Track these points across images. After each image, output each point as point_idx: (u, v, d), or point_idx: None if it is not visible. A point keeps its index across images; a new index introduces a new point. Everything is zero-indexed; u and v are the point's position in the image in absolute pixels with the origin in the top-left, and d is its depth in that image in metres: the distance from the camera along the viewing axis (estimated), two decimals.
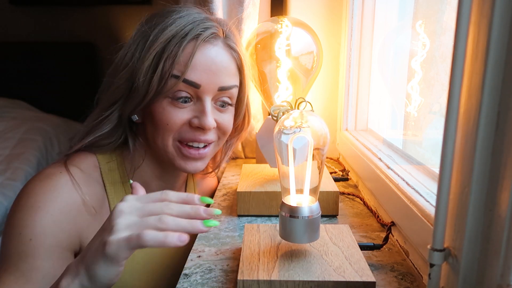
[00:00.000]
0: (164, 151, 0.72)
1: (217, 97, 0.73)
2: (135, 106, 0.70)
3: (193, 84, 0.69)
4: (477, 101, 0.35)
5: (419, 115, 0.87)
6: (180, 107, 0.70)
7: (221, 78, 0.71)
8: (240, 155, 1.18)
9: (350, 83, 1.07)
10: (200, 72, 0.69)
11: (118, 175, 0.74)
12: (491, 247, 0.35)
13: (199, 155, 0.72)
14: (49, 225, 0.63)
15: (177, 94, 0.69)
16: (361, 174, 0.90)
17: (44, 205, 0.64)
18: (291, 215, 0.54)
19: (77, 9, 2.51)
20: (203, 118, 0.70)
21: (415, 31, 0.84)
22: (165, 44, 0.68)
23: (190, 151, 0.72)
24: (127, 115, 0.72)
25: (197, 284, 0.56)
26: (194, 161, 0.73)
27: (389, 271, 0.59)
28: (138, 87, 0.68)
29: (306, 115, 0.58)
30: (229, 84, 0.73)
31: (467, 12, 0.35)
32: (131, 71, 0.69)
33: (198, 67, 0.69)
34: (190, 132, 0.71)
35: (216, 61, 0.71)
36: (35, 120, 2.17)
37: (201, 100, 0.71)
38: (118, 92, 0.71)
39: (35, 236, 0.62)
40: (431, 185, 0.63)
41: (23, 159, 1.82)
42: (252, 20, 1.00)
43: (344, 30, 1.09)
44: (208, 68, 0.70)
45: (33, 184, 0.67)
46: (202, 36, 0.69)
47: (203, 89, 0.70)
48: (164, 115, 0.69)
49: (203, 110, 0.70)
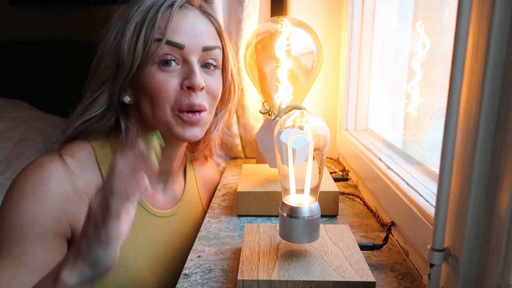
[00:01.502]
0: (162, 120, 0.72)
1: (203, 58, 0.74)
2: (124, 80, 0.71)
3: (177, 45, 0.70)
4: (477, 101, 0.35)
5: (419, 115, 0.87)
6: (168, 71, 0.71)
7: (203, 39, 0.73)
8: (240, 155, 1.18)
9: (350, 83, 1.07)
10: (182, 33, 0.71)
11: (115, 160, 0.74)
12: (491, 247, 0.35)
13: (196, 120, 0.73)
14: (37, 213, 0.64)
15: (163, 58, 0.70)
16: (361, 174, 0.89)
17: (33, 193, 0.65)
18: (291, 215, 0.54)
19: (77, 9, 2.51)
20: (192, 78, 0.71)
21: (415, 31, 0.84)
22: (144, 13, 0.71)
23: (188, 115, 0.72)
24: (117, 95, 0.73)
25: (197, 284, 0.56)
26: (192, 127, 0.73)
27: (389, 271, 0.59)
28: (124, 59, 0.70)
29: (306, 115, 0.58)
30: (212, 44, 0.75)
31: (467, 12, 0.35)
32: (115, 48, 0.71)
33: (179, 29, 0.71)
34: (185, 97, 0.71)
35: (196, 23, 0.73)
36: (35, 120, 2.17)
37: (187, 62, 0.72)
38: (105, 72, 0.72)
39: (26, 222, 0.64)
40: (431, 185, 0.63)
41: (23, 159, 1.81)
42: (252, 20, 1.00)
43: (344, 30, 1.09)
44: (189, 30, 0.72)
45: (24, 172, 0.68)
46: (177, 3, 0.72)
47: (188, 49, 0.71)
48: (155, 83, 0.70)
49: (191, 70, 0.71)
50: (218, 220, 0.77)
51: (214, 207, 0.84)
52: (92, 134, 0.75)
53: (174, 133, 0.73)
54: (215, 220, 0.77)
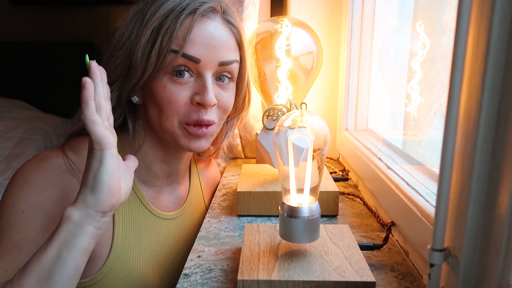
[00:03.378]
0: (169, 131, 0.71)
1: (218, 72, 0.72)
2: (134, 85, 0.70)
3: (192, 59, 0.68)
4: (477, 101, 0.35)
5: (419, 115, 0.87)
6: (180, 83, 0.69)
7: (221, 53, 0.70)
8: (240, 155, 1.18)
9: (350, 83, 1.07)
10: (199, 47, 0.68)
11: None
12: (491, 247, 0.35)
13: (203, 133, 0.71)
14: (42, 200, 0.63)
15: (176, 68, 0.68)
16: (361, 174, 0.89)
17: (38, 181, 0.64)
18: (291, 215, 0.54)
19: (77, 9, 2.51)
20: (204, 94, 0.68)
21: (415, 31, 0.84)
22: (162, 19, 0.67)
23: (194, 129, 0.71)
24: (126, 96, 0.72)
25: (197, 284, 0.56)
26: (198, 140, 0.72)
27: (389, 271, 0.59)
28: (136, 65, 0.68)
29: (306, 115, 0.58)
30: (230, 59, 0.72)
31: (467, 12, 0.35)
32: (129, 50, 0.69)
33: (197, 41, 0.68)
34: (194, 112, 0.69)
35: (215, 36, 0.70)
36: (35, 120, 2.17)
37: (201, 76, 0.69)
38: (116, 71, 0.70)
39: (27, 209, 0.62)
40: (431, 185, 0.63)
41: (23, 159, 1.81)
42: (252, 20, 1.00)
43: (344, 30, 1.09)
44: (207, 43, 0.69)
45: (28, 164, 0.67)
46: (199, 10, 0.68)
47: (203, 64, 0.69)
48: (165, 93, 0.68)
49: (204, 86, 0.69)
50: (218, 220, 0.77)
51: (214, 207, 0.84)
52: None
53: (180, 143, 0.72)
54: (215, 220, 0.77)
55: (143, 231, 0.75)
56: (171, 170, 0.79)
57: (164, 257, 0.78)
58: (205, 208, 0.90)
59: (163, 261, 0.77)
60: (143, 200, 0.75)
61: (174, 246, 0.80)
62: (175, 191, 0.83)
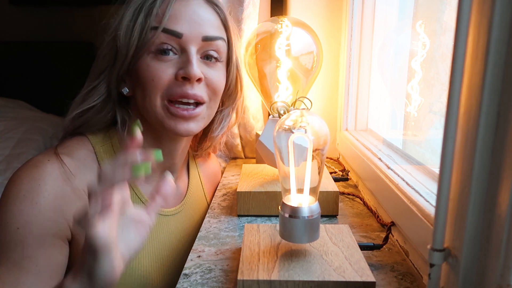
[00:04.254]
0: (153, 112, 0.69)
1: (203, 49, 0.70)
2: (119, 69, 0.69)
3: (174, 33, 0.67)
4: (477, 101, 0.35)
5: (419, 115, 0.87)
6: (164, 60, 0.67)
7: (204, 28, 0.69)
8: (240, 155, 1.18)
9: (350, 83, 1.07)
10: (181, 21, 0.67)
11: (115, 155, 0.72)
12: (491, 247, 0.35)
13: (189, 115, 0.68)
14: (34, 214, 0.62)
15: (159, 46, 0.67)
16: (361, 174, 0.89)
17: (29, 193, 0.63)
18: (291, 215, 0.54)
19: (77, 9, 2.51)
20: (188, 67, 0.66)
21: (415, 31, 0.84)
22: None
23: (179, 110, 0.68)
24: (116, 88, 0.70)
25: (197, 284, 0.56)
26: (184, 121, 0.69)
27: (389, 271, 0.59)
28: (120, 46, 0.67)
29: (306, 115, 0.58)
30: (214, 35, 0.70)
31: (467, 12, 0.35)
32: (114, 35, 0.68)
33: (178, 16, 0.67)
34: (178, 87, 0.67)
35: (198, 11, 0.69)
36: (35, 120, 2.17)
37: (185, 52, 0.68)
38: (104, 60, 0.70)
39: (22, 226, 0.61)
40: (431, 185, 0.63)
41: (23, 159, 1.81)
42: (252, 20, 1.00)
43: (344, 30, 1.09)
44: (189, 17, 0.68)
45: (19, 172, 0.65)
46: None
47: (186, 38, 0.67)
48: (148, 71, 0.67)
49: (187, 59, 0.67)
50: (218, 220, 0.77)
51: (214, 207, 0.84)
52: (91, 128, 0.72)
53: (165, 126, 0.69)
54: (215, 220, 0.77)
55: None
56: (166, 163, 0.78)
57: (166, 254, 0.77)
58: (206, 204, 0.90)
59: (164, 259, 0.77)
60: (142, 197, 0.74)
61: (175, 243, 0.79)
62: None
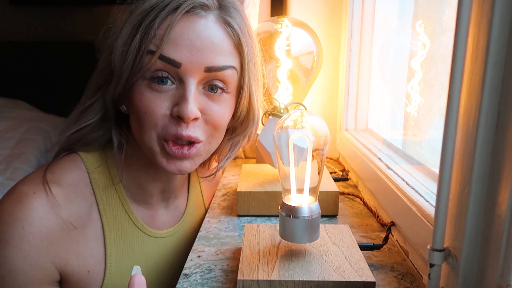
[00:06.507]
0: (148, 145, 0.62)
1: (206, 80, 0.60)
2: (114, 90, 0.61)
3: (171, 62, 0.57)
4: (477, 101, 0.35)
5: (419, 115, 0.87)
6: (159, 90, 0.59)
7: (208, 56, 0.59)
8: (240, 155, 1.18)
9: (350, 83, 1.07)
10: (181, 48, 0.57)
11: (110, 178, 0.67)
12: (491, 247, 0.35)
13: (183, 155, 0.60)
14: (18, 262, 0.58)
15: (155, 74, 0.58)
16: (361, 174, 0.90)
17: (12, 238, 0.58)
18: (291, 215, 0.54)
19: (77, 9, 2.51)
20: (182, 105, 0.57)
21: (415, 31, 0.84)
22: (142, 16, 0.58)
23: (173, 148, 0.60)
24: (112, 104, 0.64)
25: (197, 284, 0.56)
26: (178, 160, 0.61)
27: (389, 271, 0.59)
28: (115, 67, 0.60)
29: (306, 115, 0.58)
30: (221, 64, 0.60)
31: (467, 12, 0.35)
32: (110, 51, 0.61)
33: (178, 42, 0.57)
34: (172, 126, 0.59)
35: (202, 36, 0.58)
36: (35, 120, 2.18)
37: (183, 84, 0.59)
38: (101, 76, 0.64)
39: (6, 274, 0.58)
40: (431, 185, 0.63)
41: (23, 159, 1.82)
42: (252, 20, 1.00)
43: (344, 30, 1.09)
44: (191, 44, 0.58)
45: (3, 208, 0.60)
46: (183, 6, 0.58)
47: (185, 68, 0.58)
48: (142, 102, 0.59)
49: (183, 95, 0.58)
50: (218, 220, 0.77)
51: (214, 207, 0.84)
52: (86, 147, 0.67)
53: (157, 162, 0.62)
54: (215, 220, 0.77)
55: (138, 254, 0.70)
56: (165, 187, 0.73)
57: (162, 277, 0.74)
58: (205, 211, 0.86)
59: (161, 283, 0.74)
60: (137, 222, 0.70)
61: (171, 264, 0.75)
62: (172, 205, 0.77)
